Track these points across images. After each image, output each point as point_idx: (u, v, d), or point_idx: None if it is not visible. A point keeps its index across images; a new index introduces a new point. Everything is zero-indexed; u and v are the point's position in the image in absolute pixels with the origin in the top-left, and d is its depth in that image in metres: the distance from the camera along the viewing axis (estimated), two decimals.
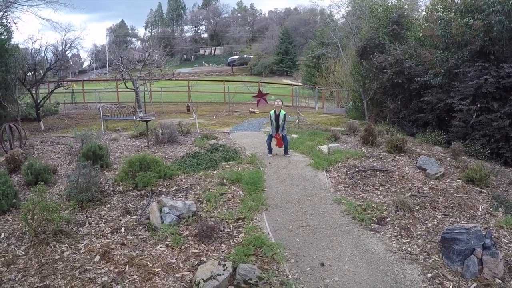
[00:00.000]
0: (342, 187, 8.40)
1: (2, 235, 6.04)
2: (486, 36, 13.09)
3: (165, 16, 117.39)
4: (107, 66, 59.79)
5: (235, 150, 11.35)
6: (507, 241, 5.99)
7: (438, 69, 14.70)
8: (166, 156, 10.58)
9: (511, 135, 11.55)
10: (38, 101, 17.60)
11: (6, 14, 17.90)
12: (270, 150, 11.30)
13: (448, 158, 10.99)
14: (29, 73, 17.88)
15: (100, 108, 16.53)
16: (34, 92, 17.37)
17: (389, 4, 22.58)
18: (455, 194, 8.00)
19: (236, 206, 7.19)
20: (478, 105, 12.39)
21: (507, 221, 6.64)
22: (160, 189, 7.90)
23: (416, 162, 10.11)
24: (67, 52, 21.29)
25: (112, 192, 7.82)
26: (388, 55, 17.07)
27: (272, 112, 11.17)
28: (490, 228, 6.41)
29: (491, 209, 7.33)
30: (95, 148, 9.38)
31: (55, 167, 9.49)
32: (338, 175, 9.21)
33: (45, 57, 19.43)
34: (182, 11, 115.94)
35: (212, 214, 6.79)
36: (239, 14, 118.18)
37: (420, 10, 31.38)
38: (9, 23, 17.85)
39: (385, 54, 17.53)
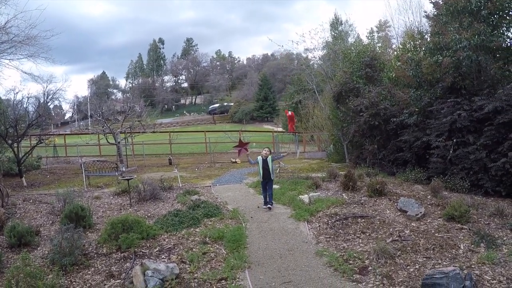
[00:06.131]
0: (324, 238, 8.44)
1: None
2: (456, 72, 13.51)
3: (146, 67, 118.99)
4: (89, 118, 59.76)
5: (217, 205, 11.34)
6: (490, 278, 6.06)
7: (413, 108, 15.02)
8: (149, 215, 10.56)
9: (489, 165, 11.65)
10: (20, 156, 17.32)
11: None
12: (265, 202, 11.08)
13: (429, 196, 11.16)
14: (10, 129, 17.54)
15: (82, 164, 16.44)
16: (15, 146, 17.08)
17: (361, 48, 23.00)
18: (436, 234, 8.14)
19: (219, 265, 7.17)
20: (454, 140, 12.65)
21: (488, 256, 6.76)
22: (143, 251, 7.87)
23: (397, 205, 10.24)
24: (49, 104, 21.01)
25: (95, 255, 7.76)
26: (363, 98, 17.36)
27: (259, 157, 11.16)
28: (472, 266, 6.51)
29: (472, 246, 7.46)
30: (77, 210, 9.35)
31: (38, 228, 9.41)
32: (319, 225, 9.26)
33: (27, 110, 19.06)
34: (162, 61, 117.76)
35: (196, 275, 6.74)
36: (218, 63, 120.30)
37: (393, 47, 32.12)
38: None
39: (360, 97, 17.81)
